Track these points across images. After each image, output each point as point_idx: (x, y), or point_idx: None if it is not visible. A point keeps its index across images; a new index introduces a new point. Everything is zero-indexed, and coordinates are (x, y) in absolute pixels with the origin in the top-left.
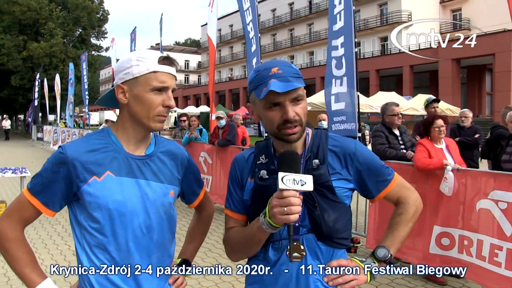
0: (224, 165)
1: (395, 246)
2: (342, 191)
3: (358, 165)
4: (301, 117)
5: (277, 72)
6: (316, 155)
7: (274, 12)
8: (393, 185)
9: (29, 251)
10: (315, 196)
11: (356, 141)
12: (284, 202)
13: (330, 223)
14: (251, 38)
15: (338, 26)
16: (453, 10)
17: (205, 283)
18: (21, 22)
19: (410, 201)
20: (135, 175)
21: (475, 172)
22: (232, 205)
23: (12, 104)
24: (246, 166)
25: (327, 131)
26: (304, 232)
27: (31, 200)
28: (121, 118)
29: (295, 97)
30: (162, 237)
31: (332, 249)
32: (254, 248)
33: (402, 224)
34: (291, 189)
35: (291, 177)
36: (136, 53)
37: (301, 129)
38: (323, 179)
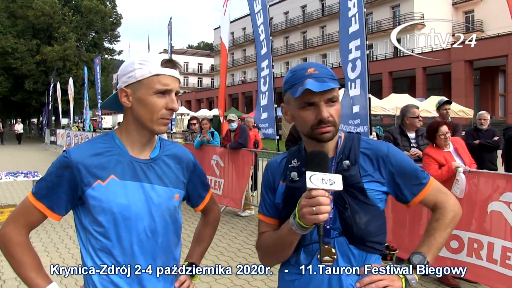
0: (237, 168)
1: (432, 252)
2: (374, 193)
3: (391, 168)
4: (335, 118)
5: (313, 72)
6: (347, 157)
7: (286, 14)
8: (429, 189)
9: (34, 255)
10: (345, 197)
11: (389, 144)
12: (312, 202)
13: (361, 225)
14: (262, 41)
15: (354, 28)
16: (465, 12)
17: (216, 286)
18: (35, 26)
19: (447, 206)
20: (139, 179)
21: (487, 174)
22: (265, 209)
23: (26, 108)
24: (278, 170)
25: (359, 134)
26: (335, 235)
27: (35, 204)
28: (125, 122)
29: (329, 98)
30: (167, 241)
31: (365, 254)
32: (285, 252)
33: (440, 230)
34: (320, 188)
35: (320, 176)
36: (139, 56)
37: (334, 130)
38: (354, 180)
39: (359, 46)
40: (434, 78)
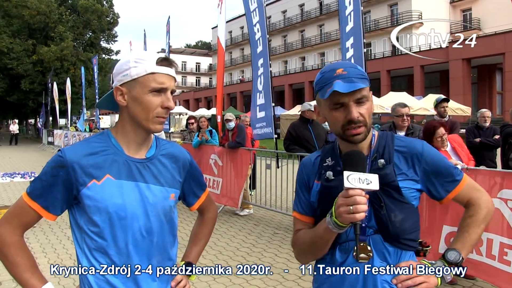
0: (235, 167)
1: (466, 249)
2: (409, 191)
3: (426, 165)
4: (365, 118)
5: (341, 73)
6: (382, 156)
7: (284, 13)
8: (463, 185)
9: (29, 256)
10: (381, 196)
11: (423, 142)
12: (349, 201)
13: (397, 224)
14: (257, 40)
15: (349, 27)
16: (463, 10)
17: (215, 286)
18: (31, 26)
19: (481, 202)
20: (135, 178)
21: (484, 171)
22: (300, 208)
23: (22, 109)
24: (313, 169)
25: (393, 133)
26: (370, 233)
27: (30, 204)
28: (121, 121)
29: (359, 98)
30: (162, 240)
31: (400, 251)
32: (321, 250)
33: (473, 226)
34: (357, 187)
35: (357, 176)
36: (134, 54)
37: (365, 130)
38: (389, 179)
39: (353, 44)
40: (432, 76)
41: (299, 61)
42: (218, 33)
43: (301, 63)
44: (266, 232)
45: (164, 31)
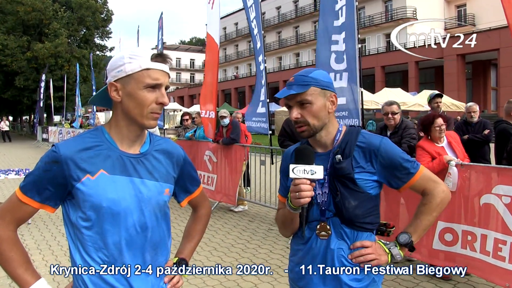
0: (230, 163)
1: (417, 233)
2: (364, 182)
3: (382, 159)
4: (306, 118)
5: (290, 81)
6: (343, 150)
7: (279, 9)
8: (417, 178)
9: (22, 251)
10: (337, 185)
11: (382, 138)
12: (296, 189)
13: (350, 209)
14: (255, 35)
15: (340, 21)
16: (457, 6)
17: (210, 282)
18: (25, 22)
19: (435, 192)
20: (129, 173)
21: (479, 167)
22: (281, 191)
23: (17, 106)
24: (291, 158)
25: (360, 128)
26: (330, 215)
27: (23, 199)
28: (115, 117)
29: (299, 101)
30: (156, 236)
31: (356, 232)
32: (290, 225)
33: (425, 213)
34: (301, 177)
35: (302, 168)
36: (129, 50)
37: (309, 128)
38: (344, 171)
39: (345, 38)
40: (427, 72)
41: (294, 57)
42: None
43: (296, 59)
44: (261, 228)
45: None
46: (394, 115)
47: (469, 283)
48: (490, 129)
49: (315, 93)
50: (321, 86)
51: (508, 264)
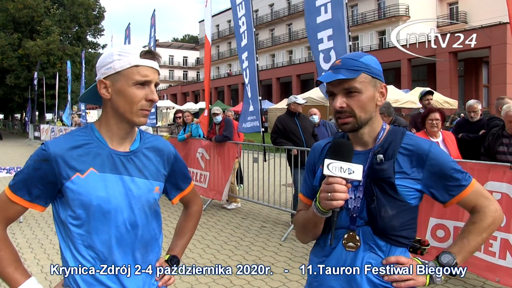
0: (222, 161)
1: (462, 255)
2: (405, 190)
3: (430, 167)
4: (353, 108)
5: (337, 64)
6: (385, 151)
7: (272, 7)
8: (468, 191)
9: (12, 250)
10: (374, 190)
11: (431, 143)
12: (328, 188)
13: (386, 219)
14: (242, 33)
15: (323, 18)
16: (449, 4)
17: (203, 279)
18: (16, 19)
19: (487, 211)
20: (119, 171)
21: (470, 163)
22: (304, 190)
23: (9, 104)
24: (320, 154)
25: (406, 129)
26: (361, 223)
27: (12, 197)
28: (105, 114)
29: (346, 88)
30: (147, 234)
31: (390, 246)
32: (312, 231)
33: (474, 234)
34: (337, 176)
35: (338, 165)
36: (118, 47)
37: (354, 121)
38: (385, 174)
39: (332, 36)
40: (419, 69)
41: (287, 55)
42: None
43: (289, 56)
44: (254, 226)
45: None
46: None
47: (460, 278)
48: (487, 129)
49: (365, 81)
50: (372, 73)
51: (498, 260)
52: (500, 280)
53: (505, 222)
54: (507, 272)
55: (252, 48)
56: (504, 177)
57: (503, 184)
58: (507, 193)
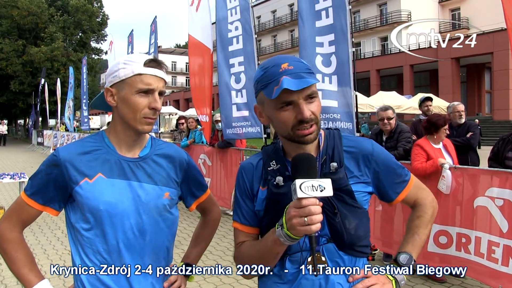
0: (225, 166)
1: (416, 250)
2: (361, 195)
3: (376, 166)
4: (317, 115)
5: (288, 68)
6: (332, 158)
7: (274, 13)
8: (411, 186)
9: (28, 252)
10: (334, 202)
11: (372, 141)
12: (303, 212)
13: (351, 231)
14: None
15: (324, 23)
16: (452, 10)
17: (205, 286)
18: (20, 26)
19: (427, 202)
20: (127, 177)
21: (472, 170)
22: (242, 218)
23: (12, 109)
24: (255, 174)
25: (338, 131)
26: (323, 241)
27: (27, 201)
28: (113, 121)
29: (309, 95)
30: (156, 239)
31: (355, 259)
32: (270, 263)
33: (422, 227)
34: (311, 196)
35: (309, 184)
36: (125, 56)
37: (316, 129)
38: (342, 183)
39: (333, 41)
40: (422, 75)
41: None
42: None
43: None
44: None
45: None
46: (389, 120)
47: (463, 285)
48: (475, 131)
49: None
50: None
51: (501, 266)
52: (503, 287)
53: (508, 228)
54: (510, 279)
55: (252, 54)
56: (507, 183)
57: (506, 191)
58: (509, 200)
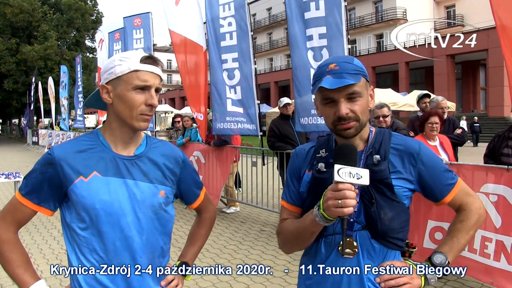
0: (221, 164)
1: (453, 253)
2: (401, 190)
3: (421, 166)
4: (357, 113)
5: (333, 68)
6: (377, 152)
7: (269, 11)
8: (457, 189)
9: (23, 252)
10: (372, 192)
11: (420, 142)
12: (338, 195)
13: (386, 221)
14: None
15: (314, 15)
16: (447, 7)
17: (202, 284)
18: (13, 24)
19: (473, 208)
20: (122, 175)
21: (468, 166)
22: (288, 197)
23: (6, 109)
24: (305, 159)
25: (391, 130)
26: (358, 228)
27: (22, 201)
28: (108, 119)
29: (350, 94)
30: (152, 238)
31: (386, 249)
32: (306, 241)
33: (463, 232)
34: (347, 181)
35: (347, 170)
36: (121, 53)
37: (357, 124)
38: (382, 175)
39: (325, 34)
40: (417, 72)
41: (285, 58)
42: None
43: (287, 60)
44: (253, 229)
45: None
46: (385, 118)
47: (459, 280)
48: (463, 127)
49: (363, 85)
50: (367, 77)
51: (493, 261)
52: (494, 282)
53: (501, 224)
54: (501, 274)
55: (248, 51)
56: (501, 179)
57: (500, 186)
58: (503, 195)
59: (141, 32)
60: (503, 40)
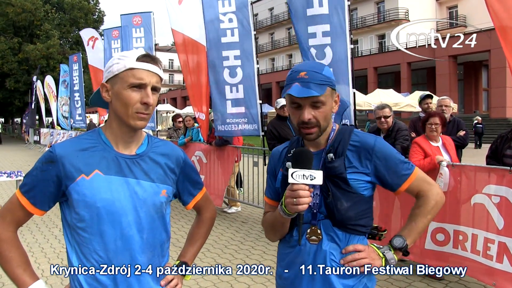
0: (222, 164)
1: (412, 236)
2: (357, 182)
3: (377, 160)
4: (319, 120)
5: (303, 76)
6: (335, 150)
7: (271, 11)
8: (412, 179)
9: (22, 252)
10: (329, 186)
11: (376, 137)
12: (293, 194)
13: (342, 211)
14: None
15: (317, 12)
16: (449, 7)
17: (203, 283)
18: (15, 24)
19: (429, 194)
20: (124, 174)
21: (470, 167)
22: (268, 193)
23: (8, 108)
24: (279, 158)
25: (353, 127)
26: (321, 217)
27: (21, 199)
28: (109, 117)
29: (314, 102)
30: (153, 237)
31: (349, 235)
32: (280, 230)
33: (420, 216)
34: (300, 183)
35: (301, 173)
36: (120, 52)
37: (318, 130)
38: (337, 171)
39: (328, 32)
40: (419, 73)
41: (286, 59)
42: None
43: (288, 60)
44: (254, 229)
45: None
46: (386, 119)
47: (461, 282)
48: (466, 130)
49: (328, 94)
50: (333, 86)
51: (495, 263)
52: (497, 284)
53: (503, 225)
54: (503, 276)
55: (251, 50)
56: (503, 180)
57: (503, 188)
58: (506, 197)
59: (141, 31)
60: (504, 41)
